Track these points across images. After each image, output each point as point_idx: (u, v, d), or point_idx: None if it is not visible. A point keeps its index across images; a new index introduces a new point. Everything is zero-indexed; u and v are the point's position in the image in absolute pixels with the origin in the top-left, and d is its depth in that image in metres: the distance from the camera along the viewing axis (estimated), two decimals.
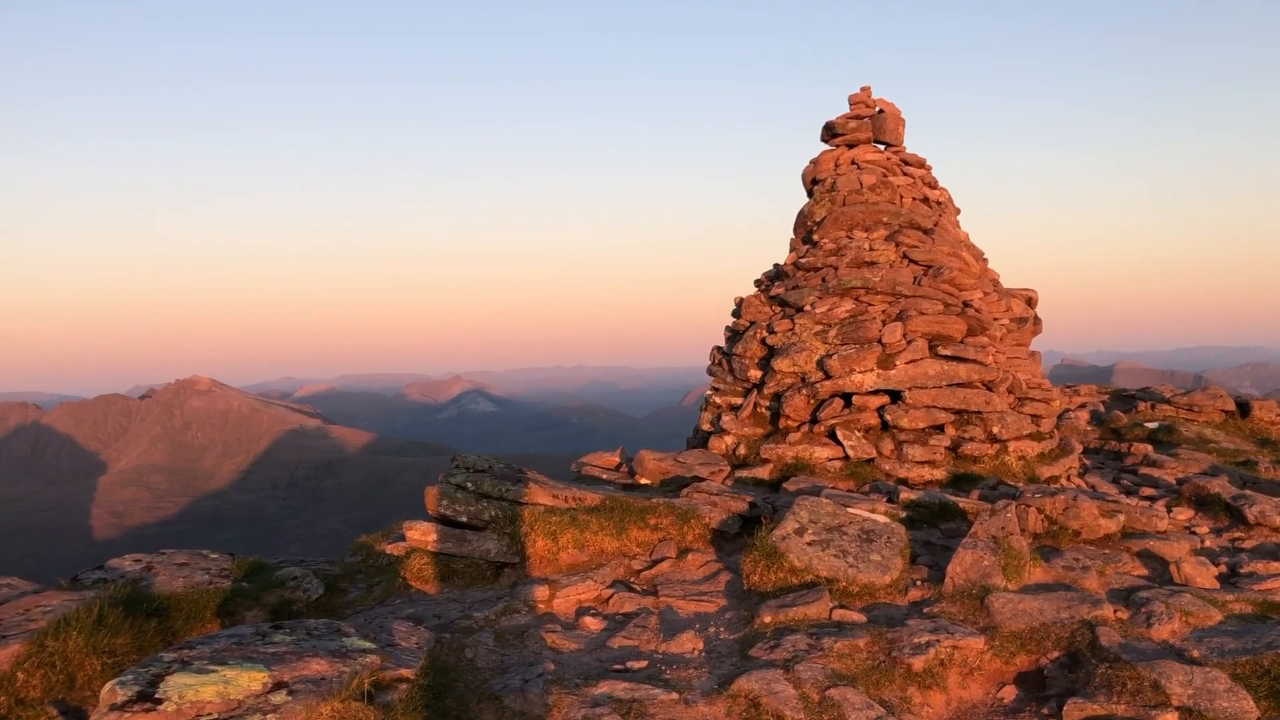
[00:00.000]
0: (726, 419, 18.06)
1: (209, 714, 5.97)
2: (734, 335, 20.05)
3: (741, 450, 17.42)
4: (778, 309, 19.51)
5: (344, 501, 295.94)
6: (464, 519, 11.25)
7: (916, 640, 8.11)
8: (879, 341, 17.12)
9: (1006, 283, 22.04)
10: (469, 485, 11.50)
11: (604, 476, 16.52)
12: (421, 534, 11.12)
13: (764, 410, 17.95)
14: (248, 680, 6.38)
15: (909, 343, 17.02)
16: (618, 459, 17.29)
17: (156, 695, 6.10)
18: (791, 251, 21.38)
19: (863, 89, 21.94)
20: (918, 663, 7.80)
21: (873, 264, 18.98)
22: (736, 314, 20.38)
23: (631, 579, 11.06)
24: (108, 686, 6.26)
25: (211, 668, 6.52)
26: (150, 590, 9.95)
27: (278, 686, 6.34)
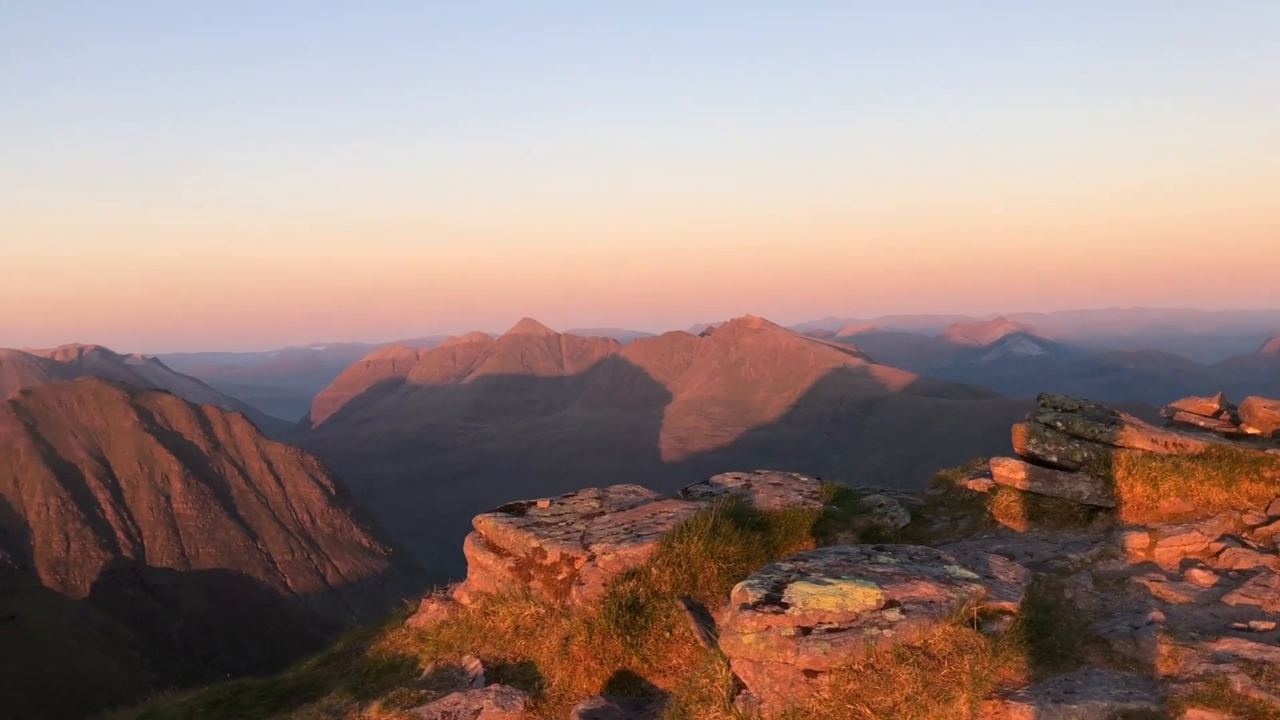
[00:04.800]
0: None
1: (829, 623, 6.38)
2: None
3: None
4: None
5: (885, 439, 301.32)
6: (1053, 459, 10.85)
7: None
8: None
9: None
10: (1059, 425, 11.05)
11: (1200, 423, 15.01)
12: (1009, 471, 10.92)
13: None
14: (862, 595, 6.71)
15: None
16: (1216, 405, 15.58)
17: (782, 600, 6.64)
18: None
19: None
20: None
21: None
22: None
23: (1243, 534, 10.07)
24: (738, 588, 6.93)
25: (827, 580, 6.95)
26: (752, 505, 10.87)
27: (890, 604, 6.60)
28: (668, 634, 8.71)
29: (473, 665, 9.58)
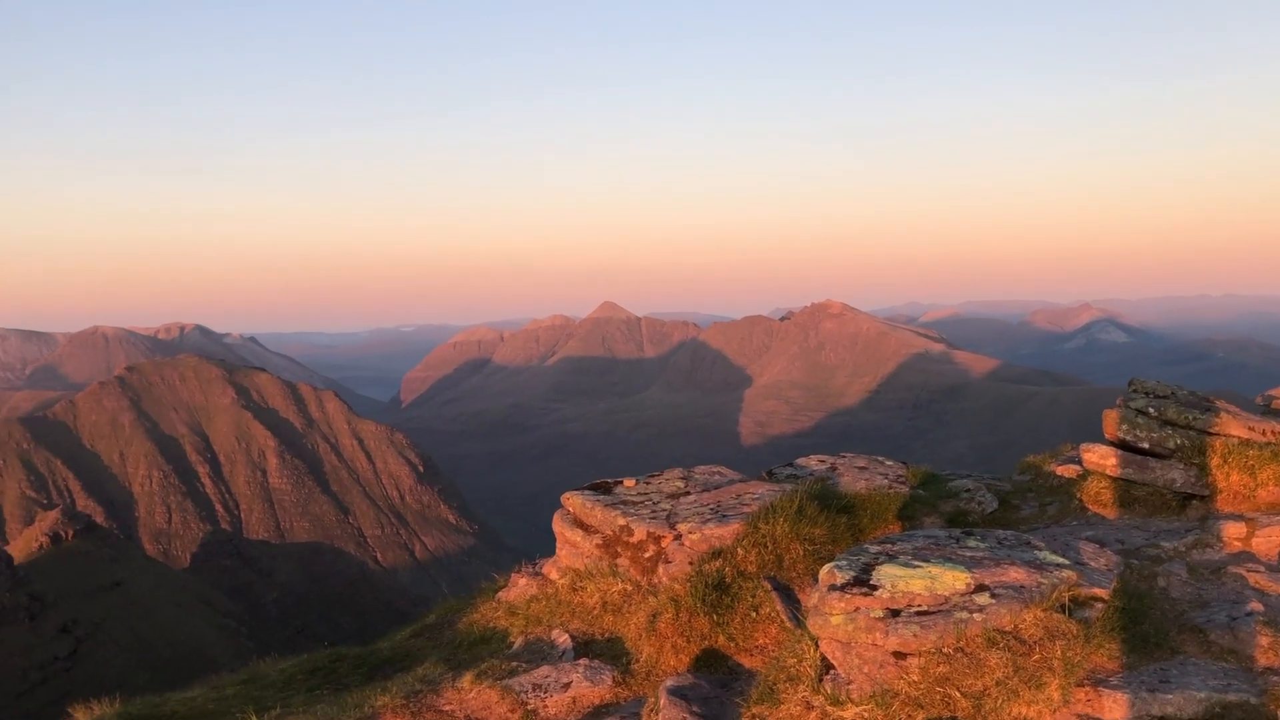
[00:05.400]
0: None
1: (919, 605, 6.41)
2: None
3: None
4: None
5: (968, 426, 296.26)
6: (1145, 445, 10.66)
7: None
8: None
9: None
10: (1151, 411, 10.85)
11: None
12: (1099, 457, 10.76)
13: None
14: (951, 579, 6.72)
15: None
16: None
17: (871, 582, 6.68)
18: None
19: None
20: None
21: None
22: None
23: None
24: (826, 569, 6.99)
25: (916, 563, 6.97)
26: (837, 488, 10.88)
27: (980, 589, 6.60)
28: (754, 614, 8.79)
29: (562, 639, 9.79)
